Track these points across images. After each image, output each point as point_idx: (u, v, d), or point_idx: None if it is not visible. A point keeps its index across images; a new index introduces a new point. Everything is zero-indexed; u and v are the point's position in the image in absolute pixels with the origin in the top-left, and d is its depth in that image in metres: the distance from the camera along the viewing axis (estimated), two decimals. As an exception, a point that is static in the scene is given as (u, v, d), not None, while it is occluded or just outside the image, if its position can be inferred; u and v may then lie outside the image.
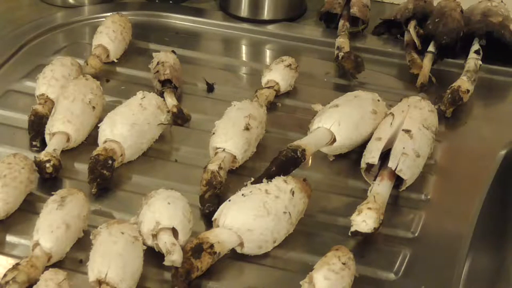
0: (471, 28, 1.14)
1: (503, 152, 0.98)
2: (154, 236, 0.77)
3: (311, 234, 0.84)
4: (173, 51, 1.09)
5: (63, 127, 0.91)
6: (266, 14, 1.25)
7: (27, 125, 0.95)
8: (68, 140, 0.92)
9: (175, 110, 1.00)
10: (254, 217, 0.78)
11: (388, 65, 1.17)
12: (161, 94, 1.01)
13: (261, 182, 0.83)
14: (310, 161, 0.94)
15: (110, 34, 1.11)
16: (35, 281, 0.72)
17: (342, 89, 1.08)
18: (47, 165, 0.87)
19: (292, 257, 0.81)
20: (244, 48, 1.23)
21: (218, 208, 0.81)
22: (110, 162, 0.88)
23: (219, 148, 0.90)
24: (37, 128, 0.94)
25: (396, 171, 0.87)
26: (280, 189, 0.81)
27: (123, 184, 0.90)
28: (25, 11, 1.26)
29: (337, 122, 0.92)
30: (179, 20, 1.25)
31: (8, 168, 0.83)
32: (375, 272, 0.80)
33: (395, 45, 1.20)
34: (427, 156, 0.92)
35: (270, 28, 1.23)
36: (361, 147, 0.93)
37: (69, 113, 0.92)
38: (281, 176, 0.83)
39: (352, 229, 0.82)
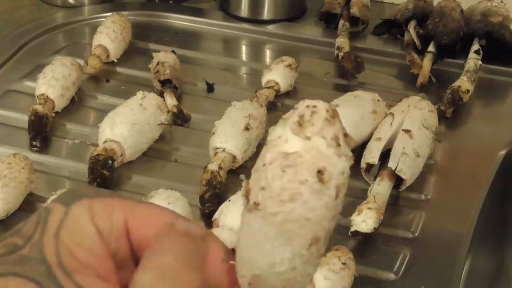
0: (471, 28, 1.14)
1: (503, 152, 0.98)
2: (154, 236, 0.77)
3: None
4: (173, 51, 1.09)
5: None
6: (266, 14, 1.25)
7: (27, 125, 0.95)
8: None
9: (175, 110, 1.00)
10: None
11: (388, 65, 1.17)
12: (161, 94, 1.01)
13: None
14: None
15: (110, 34, 1.10)
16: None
17: (342, 89, 1.08)
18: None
19: (292, 257, 0.81)
20: (244, 48, 1.23)
21: (218, 208, 0.81)
22: (110, 162, 0.88)
23: (219, 148, 0.90)
24: (37, 128, 0.94)
25: (396, 171, 0.87)
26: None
27: (123, 184, 0.90)
28: (25, 11, 1.26)
29: (337, 122, 0.92)
30: (179, 20, 1.25)
31: (8, 168, 0.83)
32: (375, 272, 0.80)
33: (395, 45, 1.20)
34: (427, 156, 0.92)
35: (270, 28, 1.24)
36: (361, 147, 0.93)
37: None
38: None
39: (352, 229, 0.82)
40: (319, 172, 0.35)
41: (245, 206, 0.37)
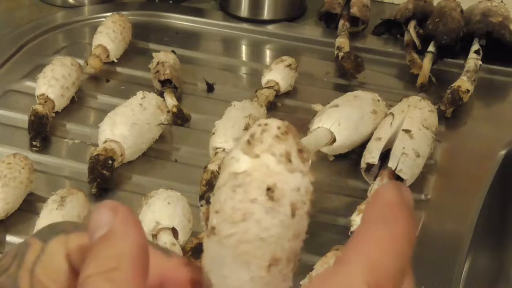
0: (471, 28, 1.14)
1: (503, 152, 0.98)
2: (154, 236, 0.77)
3: (311, 234, 0.83)
4: (173, 51, 1.09)
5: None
6: (266, 14, 1.25)
7: (27, 125, 0.95)
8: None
9: (175, 110, 1.00)
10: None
11: (388, 65, 1.17)
12: (161, 94, 1.01)
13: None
14: (310, 161, 0.93)
15: (110, 34, 1.10)
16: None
17: (342, 89, 1.08)
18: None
19: (292, 257, 0.81)
20: (244, 48, 1.23)
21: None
22: (110, 162, 0.88)
23: (219, 148, 0.90)
24: (37, 128, 0.94)
25: (396, 171, 0.87)
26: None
27: (123, 184, 0.90)
28: (25, 11, 1.26)
29: (337, 122, 0.92)
30: (179, 20, 1.25)
31: (8, 168, 0.83)
32: (375, 272, 0.79)
33: (395, 45, 1.20)
34: (427, 156, 0.92)
35: (270, 28, 1.23)
36: (361, 147, 0.93)
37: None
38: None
39: (352, 229, 0.82)
40: (269, 190, 0.33)
41: (205, 233, 0.36)
